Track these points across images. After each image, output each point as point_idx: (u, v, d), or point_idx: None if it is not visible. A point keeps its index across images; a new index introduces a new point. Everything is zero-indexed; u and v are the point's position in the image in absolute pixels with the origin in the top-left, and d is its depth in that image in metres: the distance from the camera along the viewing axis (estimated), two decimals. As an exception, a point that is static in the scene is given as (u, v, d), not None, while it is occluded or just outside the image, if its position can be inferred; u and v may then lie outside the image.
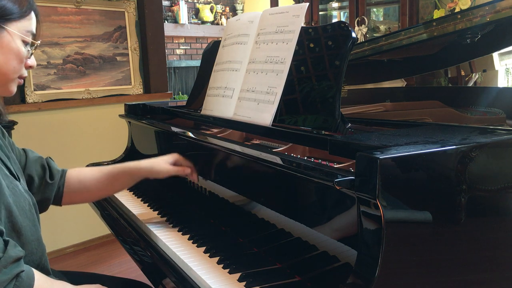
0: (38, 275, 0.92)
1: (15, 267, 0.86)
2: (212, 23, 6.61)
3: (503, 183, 0.94)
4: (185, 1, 6.27)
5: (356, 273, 0.79)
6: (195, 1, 6.59)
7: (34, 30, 1.03)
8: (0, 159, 1.04)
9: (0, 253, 0.85)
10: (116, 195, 1.68)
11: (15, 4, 0.97)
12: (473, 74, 1.85)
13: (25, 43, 1.01)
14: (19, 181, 1.08)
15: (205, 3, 6.62)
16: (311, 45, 1.21)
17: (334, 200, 0.93)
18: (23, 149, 1.22)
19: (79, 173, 1.32)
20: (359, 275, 0.78)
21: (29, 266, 0.92)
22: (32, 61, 1.05)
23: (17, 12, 0.97)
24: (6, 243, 0.88)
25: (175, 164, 1.35)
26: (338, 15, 4.27)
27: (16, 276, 0.86)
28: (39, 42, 1.06)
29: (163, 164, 1.33)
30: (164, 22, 5.18)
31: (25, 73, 1.04)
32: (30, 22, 1.01)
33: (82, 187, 1.30)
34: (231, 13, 6.95)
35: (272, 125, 1.22)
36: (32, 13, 1.02)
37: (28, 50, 1.02)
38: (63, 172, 1.30)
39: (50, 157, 1.29)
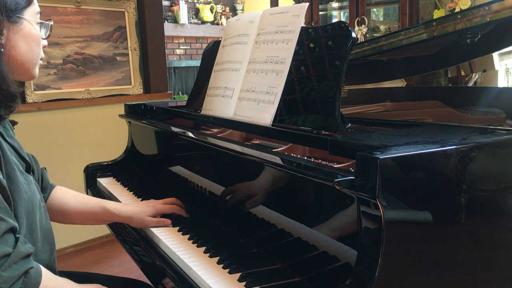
0: (45, 272, 0.93)
1: (24, 264, 0.87)
2: (212, 23, 6.61)
3: (503, 183, 0.94)
4: (185, 1, 6.26)
5: (356, 273, 0.79)
6: (195, 1, 6.59)
7: (39, 9, 1.07)
8: (18, 153, 1.06)
9: (10, 248, 0.86)
10: (116, 194, 1.68)
11: None
12: (473, 74, 1.85)
13: (40, 24, 1.05)
14: (33, 176, 1.09)
15: (205, 3, 6.62)
16: (311, 45, 1.21)
17: (334, 200, 0.93)
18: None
19: (63, 197, 1.32)
20: (359, 275, 0.78)
21: (38, 263, 0.93)
22: (45, 41, 1.08)
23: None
24: (16, 239, 0.89)
25: (156, 214, 1.35)
26: (338, 15, 4.27)
27: (25, 272, 0.86)
28: (51, 22, 1.10)
29: (143, 216, 1.33)
30: (164, 22, 5.18)
31: (43, 54, 1.08)
32: (35, 4, 1.05)
33: (60, 210, 1.31)
34: (231, 13, 6.95)
35: (272, 125, 1.22)
36: None
37: (42, 30, 1.06)
38: (51, 188, 1.30)
39: (45, 168, 1.29)
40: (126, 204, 1.40)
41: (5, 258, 0.84)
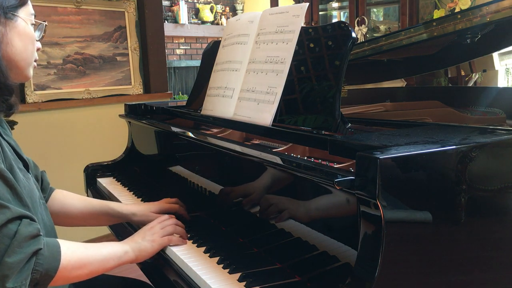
0: (65, 248, 0.91)
1: (31, 245, 0.84)
2: (212, 23, 6.61)
3: (503, 183, 0.94)
4: (185, 1, 6.26)
5: (355, 273, 0.79)
6: (195, 1, 6.59)
7: (33, 12, 1.08)
8: (15, 151, 1.06)
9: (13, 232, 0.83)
10: (116, 194, 1.68)
11: None
12: (473, 74, 1.85)
13: (34, 25, 1.06)
14: (31, 174, 1.10)
15: (205, 3, 6.61)
16: (311, 45, 1.21)
17: (334, 200, 0.93)
18: None
19: (64, 198, 1.31)
20: (358, 275, 0.78)
21: (54, 239, 0.92)
22: (38, 44, 1.09)
23: None
24: (20, 223, 0.86)
25: (160, 212, 1.32)
26: (338, 15, 4.27)
27: (34, 253, 0.84)
28: (46, 22, 1.11)
29: (147, 212, 1.31)
30: (164, 22, 5.17)
31: (37, 56, 1.09)
32: (30, 5, 1.06)
33: (62, 211, 1.30)
34: (231, 13, 6.95)
35: (272, 125, 1.22)
36: None
37: (36, 32, 1.07)
38: (51, 190, 1.30)
39: (44, 171, 1.29)
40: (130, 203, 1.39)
41: (9, 242, 0.82)
